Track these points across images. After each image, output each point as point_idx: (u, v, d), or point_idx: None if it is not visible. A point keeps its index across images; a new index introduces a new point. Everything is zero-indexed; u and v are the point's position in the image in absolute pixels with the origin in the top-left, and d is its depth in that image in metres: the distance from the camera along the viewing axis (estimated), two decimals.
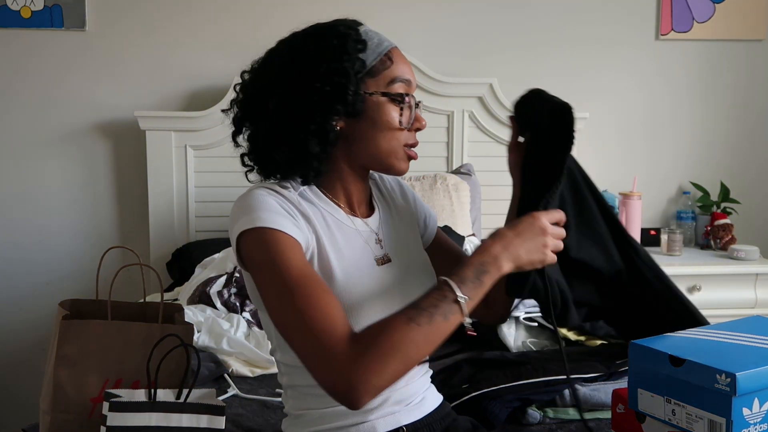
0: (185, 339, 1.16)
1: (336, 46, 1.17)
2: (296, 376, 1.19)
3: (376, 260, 1.22)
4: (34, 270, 3.02)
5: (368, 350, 0.97)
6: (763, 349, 1.03)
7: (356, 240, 1.21)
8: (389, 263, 1.23)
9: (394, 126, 1.19)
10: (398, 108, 1.20)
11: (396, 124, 1.20)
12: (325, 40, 1.18)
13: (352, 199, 1.25)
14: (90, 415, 1.17)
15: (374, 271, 1.20)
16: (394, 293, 1.19)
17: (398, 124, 1.20)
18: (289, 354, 1.21)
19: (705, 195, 3.20)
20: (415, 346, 0.99)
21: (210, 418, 1.11)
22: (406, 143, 1.22)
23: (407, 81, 1.22)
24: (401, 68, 1.21)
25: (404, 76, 1.21)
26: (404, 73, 1.22)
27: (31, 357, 2.99)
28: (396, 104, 1.20)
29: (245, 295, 2.29)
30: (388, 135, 1.20)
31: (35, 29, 2.94)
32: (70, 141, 3.01)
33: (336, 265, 1.15)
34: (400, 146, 1.21)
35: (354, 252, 1.19)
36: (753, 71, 3.27)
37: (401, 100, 1.20)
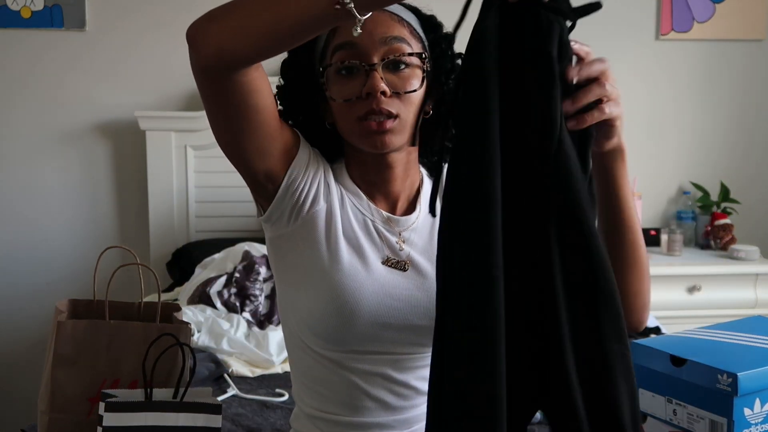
0: (182, 338, 1.16)
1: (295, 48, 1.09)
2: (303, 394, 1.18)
3: (383, 260, 1.11)
4: (33, 270, 3.02)
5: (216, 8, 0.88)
6: (764, 349, 1.03)
7: (372, 234, 1.12)
8: (402, 271, 1.11)
9: (337, 101, 1.06)
10: (342, 79, 1.06)
11: (336, 98, 1.06)
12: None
13: (376, 189, 1.14)
14: (88, 415, 1.17)
15: (376, 274, 1.09)
16: (392, 306, 1.08)
17: (337, 97, 1.05)
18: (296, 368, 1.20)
19: (705, 195, 3.19)
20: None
21: (207, 417, 1.10)
22: (358, 115, 1.05)
23: (346, 44, 1.05)
24: (342, 34, 1.05)
25: (343, 41, 1.05)
26: (345, 36, 1.05)
27: (31, 357, 2.98)
28: (339, 77, 1.06)
29: (245, 295, 2.29)
30: (340, 113, 1.07)
31: (35, 29, 2.94)
32: (70, 141, 3.01)
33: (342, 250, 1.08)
34: (354, 121, 1.06)
35: (363, 245, 1.10)
36: (753, 71, 3.27)
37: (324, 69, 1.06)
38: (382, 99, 1.03)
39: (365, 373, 1.10)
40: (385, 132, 1.05)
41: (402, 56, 1.05)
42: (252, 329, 2.19)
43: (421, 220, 1.14)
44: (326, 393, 1.13)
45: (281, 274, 1.16)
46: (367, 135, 1.05)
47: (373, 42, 1.04)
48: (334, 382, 1.12)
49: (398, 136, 1.07)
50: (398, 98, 1.05)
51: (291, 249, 1.12)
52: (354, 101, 1.05)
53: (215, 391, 1.86)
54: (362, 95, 1.04)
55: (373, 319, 1.07)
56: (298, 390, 1.20)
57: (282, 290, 1.17)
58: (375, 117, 1.04)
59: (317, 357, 1.12)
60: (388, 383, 1.11)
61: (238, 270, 2.39)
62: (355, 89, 1.05)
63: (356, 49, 1.04)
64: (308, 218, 1.10)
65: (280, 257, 1.14)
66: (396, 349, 1.10)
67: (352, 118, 1.06)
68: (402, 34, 1.07)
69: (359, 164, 1.13)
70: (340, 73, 1.06)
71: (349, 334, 1.07)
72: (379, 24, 1.05)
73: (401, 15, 1.09)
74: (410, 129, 1.09)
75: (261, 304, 2.29)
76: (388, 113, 1.04)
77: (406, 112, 1.06)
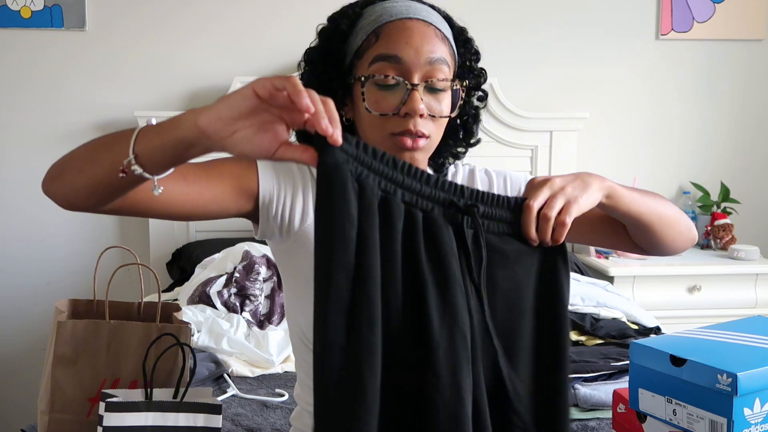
0: (181, 338, 1.16)
1: (329, 29, 1.10)
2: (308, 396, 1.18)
3: None
4: (34, 270, 3.02)
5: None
6: (764, 349, 1.03)
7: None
8: None
9: (372, 113, 1.05)
10: (379, 92, 1.04)
11: (372, 110, 1.05)
12: (329, 21, 1.11)
13: None
14: (88, 415, 1.17)
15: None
16: None
17: (373, 109, 1.05)
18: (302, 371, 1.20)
19: (705, 195, 3.19)
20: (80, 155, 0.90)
21: (207, 417, 1.10)
22: (392, 131, 1.05)
23: (391, 57, 1.03)
24: (386, 44, 1.04)
25: (387, 52, 1.04)
26: (388, 48, 1.04)
27: (31, 357, 2.98)
28: (376, 88, 1.04)
29: (245, 295, 2.29)
30: (372, 123, 1.06)
31: (35, 29, 2.94)
32: (70, 141, 2.99)
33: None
34: (387, 135, 1.05)
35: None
36: (753, 71, 3.26)
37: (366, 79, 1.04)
38: (419, 121, 1.04)
39: None
40: (416, 150, 1.06)
41: (443, 80, 1.06)
42: (252, 329, 2.19)
43: None
44: None
45: (285, 282, 1.19)
46: (398, 151, 1.05)
47: (418, 60, 1.03)
48: None
49: (425, 153, 1.10)
50: (432, 120, 1.06)
51: (291, 261, 1.15)
52: (390, 117, 1.05)
53: (215, 391, 1.86)
54: (399, 113, 1.04)
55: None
56: (301, 392, 1.21)
57: (287, 296, 1.19)
58: (410, 135, 1.04)
59: None
60: None
61: (238, 270, 2.39)
62: (392, 105, 1.04)
63: (400, 65, 1.04)
64: (302, 233, 1.11)
65: (283, 267, 1.18)
66: None
67: (384, 131, 1.06)
68: (444, 54, 1.07)
69: None
70: (378, 85, 1.04)
71: None
72: (426, 41, 1.05)
73: (443, 30, 1.08)
74: (435, 146, 1.11)
75: (261, 304, 2.29)
76: (422, 134, 1.05)
77: (436, 133, 1.08)
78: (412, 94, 1.03)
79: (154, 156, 0.82)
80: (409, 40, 1.03)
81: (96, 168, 0.87)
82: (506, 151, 3.00)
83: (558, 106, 3.13)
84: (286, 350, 2.10)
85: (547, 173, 3.04)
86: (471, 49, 1.16)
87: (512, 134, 3.00)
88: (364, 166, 0.83)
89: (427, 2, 1.13)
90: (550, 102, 3.14)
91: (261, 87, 0.75)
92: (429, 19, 1.07)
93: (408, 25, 1.05)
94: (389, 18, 1.05)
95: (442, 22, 1.11)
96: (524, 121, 3.00)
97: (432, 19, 1.08)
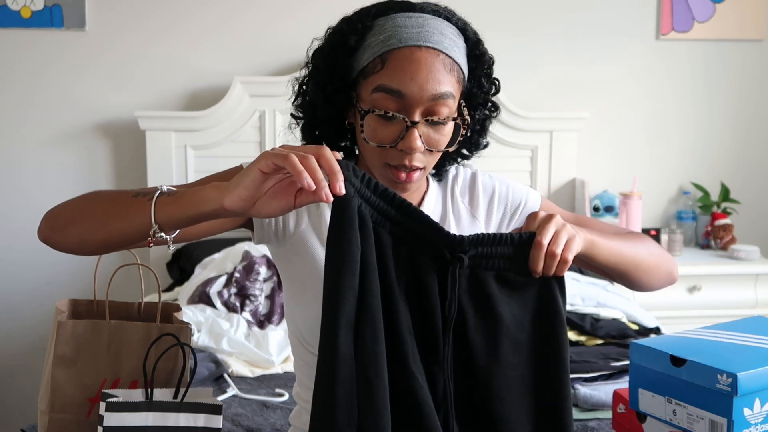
0: (182, 338, 1.16)
1: (337, 41, 1.08)
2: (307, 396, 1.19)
3: None
4: (34, 270, 3.02)
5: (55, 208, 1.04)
6: (764, 349, 1.03)
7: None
8: None
9: (369, 142, 1.04)
10: (378, 122, 1.03)
11: (369, 139, 1.04)
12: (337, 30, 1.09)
13: None
14: (88, 415, 1.17)
15: None
16: None
17: (370, 139, 1.04)
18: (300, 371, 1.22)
19: (705, 195, 3.19)
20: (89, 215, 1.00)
21: (207, 417, 1.10)
22: (388, 162, 1.05)
23: (394, 92, 1.01)
24: (391, 76, 1.01)
25: (390, 86, 1.01)
26: (393, 82, 1.01)
27: (31, 357, 2.98)
28: (375, 117, 1.03)
29: (245, 295, 2.29)
30: (369, 151, 1.07)
31: (35, 29, 2.94)
32: (70, 141, 3.01)
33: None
34: (382, 165, 1.06)
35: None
36: (753, 71, 3.26)
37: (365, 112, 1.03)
38: (416, 156, 1.04)
39: None
40: (410, 182, 1.07)
41: (444, 119, 1.04)
42: (252, 329, 2.19)
43: None
44: None
45: (284, 284, 1.21)
46: (391, 182, 1.06)
47: (422, 97, 1.01)
48: None
49: (418, 183, 1.11)
50: (429, 153, 1.06)
51: (288, 265, 1.17)
52: (387, 149, 1.04)
53: (215, 391, 1.86)
54: (396, 146, 1.03)
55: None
56: (300, 391, 1.22)
57: (286, 299, 1.21)
58: (404, 170, 1.05)
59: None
60: None
61: (238, 270, 2.39)
62: (390, 137, 1.03)
63: (402, 100, 1.02)
64: (297, 238, 1.13)
65: (281, 271, 1.20)
66: None
67: (380, 161, 1.06)
68: (450, 86, 1.04)
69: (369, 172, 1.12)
70: (378, 115, 1.03)
71: None
72: (432, 76, 1.02)
73: (453, 56, 1.05)
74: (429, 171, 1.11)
75: (261, 304, 2.29)
76: (416, 168, 1.05)
77: (430, 164, 1.08)
78: (411, 131, 1.02)
79: (175, 224, 0.94)
80: (414, 75, 1.01)
81: (110, 230, 0.98)
82: (506, 151, 3.00)
83: (558, 106, 3.13)
84: (286, 350, 2.10)
85: (547, 173, 3.05)
86: (484, 63, 1.12)
87: (512, 134, 3.00)
88: (363, 198, 0.93)
89: (443, 12, 1.09)
90: (550, 102, 3.14)
91: (265, 166, 0.86)
92: (440, 46, 1.03)
93: (416, 57, 1.01)
94: (398, 44, 1.02)
95: (455, 40, 1.07)
96: (524, 121, 3.00)
97: (444, 44, 1.04)
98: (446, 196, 1.21)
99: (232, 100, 2.87)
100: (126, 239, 0.98)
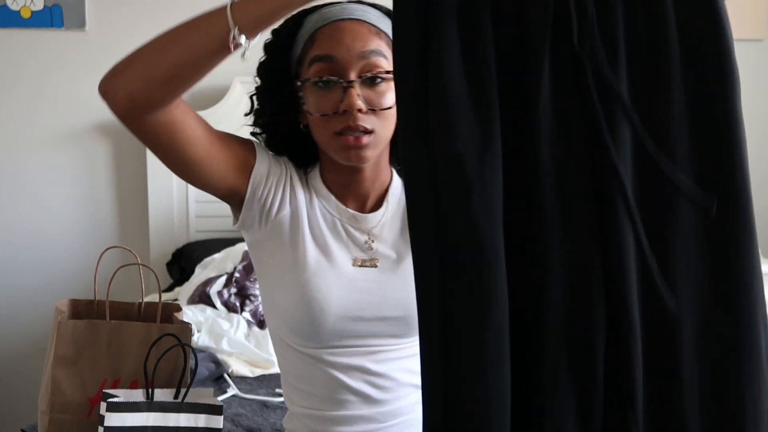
0: (183, 338, 1.16)
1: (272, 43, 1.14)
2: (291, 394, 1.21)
3: (353, 260, 1.15)
4: (34, 270, 3.02)
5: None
6: None
7: (339, 232, 1.16)
8: (373, 267, 1.14)
9: (314, 114, 1.08)
10: (319, 93, 1.07)
11: (313, 111, 1.08)
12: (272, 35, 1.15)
13: (347, 190, 1.17)
14: (88, 415, 1.17)
15: (344, 270, 1.13)
16: (362, 300, 1.12)
17: (314, 111, 1.08)
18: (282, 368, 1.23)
19: None
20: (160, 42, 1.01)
21: (208, 418, 1.10)
22: (335, 130, 1.07)
23: (325, 57, 1.06)
24: (321, 46, 1.07)
25: (321, 53, 1.07)
26: (322, 50, 1.07)
27: (31, 357, 2.98)
28: (316, 89, 1.07)
29: (245, 295, 2.29)
30: (317, 125, 1.10)
31: (35, 29, 2.94)
32: (70, 141, 3.01)
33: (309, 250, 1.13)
34: (331, 135, 1.08)
35: (330, 244, 1.15)
36: (753, 71, 3.27)
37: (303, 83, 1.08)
38: (359, 116, 1.06)
39: (344, 367, 1.13)
40: (361, 147, 1.08)
41: (379, 72, 1.07)
42: (252, 329, 2.19)
43: (390, 215, 1.18)
44: (310, 389, 1.17)
45: (260, 277, 1.21)
46: (343, 150, 1.08)
47: (351, 57, 1.06)
48: (316, 377, 1.15)
49: (373, 150, 1.10)
50: (374, 114, 1.07)
51: (265, 252, 1.18)
52: (331, 116, 1.07)
53: (215, 391, 1.86)
54: (339, 111, 1.06)
55: (343, 314, 1.11)
56: (286, 390, 1.24)
57: (263, 293, 1.22)
58: (351, 132, 1.06)
59: (299, 354, 1.16)
60: (367, 376, 1.14)
61: (238, 270, 2.39)
62: (331, 104, 1.06)
63: (334, 64, 1.06)
64: (276, 222, 1.15)
65: (258, 261, 1.20)
66: (371, 342, 1.14)
67: (328, 132, 1.08)
68: (380, 46, 1.09)
69: (331, 168, 1.16)
70: (317, 86, 1.07)
71: (322, 329, 1.11)
72: (357, 38, 1.07)
73: (379, 26, 1.10)
74: (386, 141, 1.12)
75: (261, 304, 2.29)
76: (364, 129, 1.07)
77: (381, 127, 1.09)
78: (348, 91, 1.05)
79: (254, 25, 0.93)
80: (341, 39, 1.06)
81: (180, 50, 0.98)
82: None
83: None
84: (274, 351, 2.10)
85: None
86: None
87: None
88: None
89: (368, 2, 1.14)
90: None
91: None
92: (363, 18, 1.09)
93: (340, 26, 1.07)
94: (323, 22, 1.09)
95: (380, 17, 1.12)
96: None
97: (367, 17, 1.09)
98: None
99: (232, 100, 2.87)
100: (198, 56, 0.97)
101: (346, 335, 1.12)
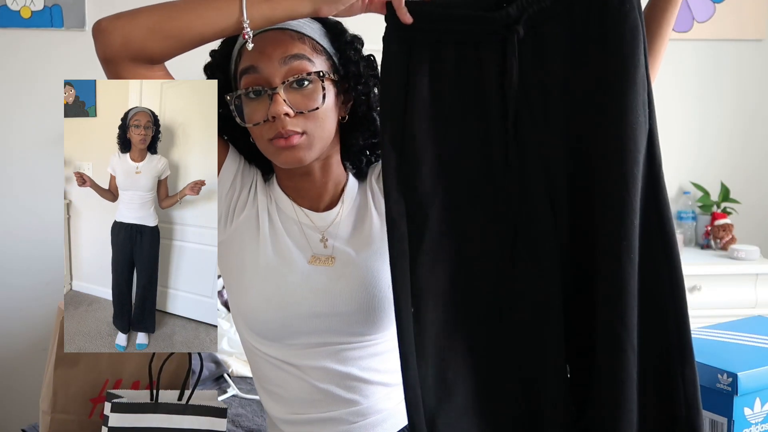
0: None
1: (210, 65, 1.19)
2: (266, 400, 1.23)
3: (310, 258, 1.16)
4: (34, 270, 3.02)
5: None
6: (764, 349, 1.03)
7: (295, 232, 1.18)
8: (329, 265, 1.16)
9: (248, 125, 1.11)
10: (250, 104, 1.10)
11: (247, 122, 1.11)
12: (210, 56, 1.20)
13: (301, 193, 1.19)
14: (90, 416, 1.17)
15: (301, 269, 1.15)
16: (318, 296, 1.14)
17: (247, 122, 1.11)
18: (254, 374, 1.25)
19: (705, 195, 3.20)
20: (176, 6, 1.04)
21: (211, 420, 1.11)
22: (268, 137, 1.10)
23: (249, 69, 1.09)
24: (246, 59, 1.10)
25: (245, 66, 1.10)
26: (247, 61, 1.10)
27: (32, 357, 2.98)
28: (248, 100, 1.10)
29: None
30: (254, 135, 1.12)
31: (35, 29, 2.94)
32: None
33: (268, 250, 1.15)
34: (267, 143, 1.10)
35: (287, 244, 1.16)
36: (753, 71, 3.27)
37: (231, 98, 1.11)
38: (287, 120, 1.07)
39: (310, 368, 1.15)
40: (293, 147, 1.09)
41: (302, 76, 1.08)
42: None
43: (345, 213, 1.20)
44: (281, 392, 1.18)
45: (227, 279, 1.22)
46: (279, 153, 1.10)
47: (272, 65, 1.08)
48: (285, 380, 1.17)
49: (309, 150, 1.11)
50: (303, 116, 1.09)
51: (228, 253, 1.19)
52: (262, 124, 1.09)
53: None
54: (269, 118, 1.08)
55: (300, 311, 1.13)
56: (262, 397, 1.25)
57: (229, 297, 1.23)
58: (281, 136, 1.08)
59: (266, 357, 1.18)
60: (332, 376, 1.15)
61: None
62: (261, 113, 1.09)
63: (258, 73, 1.09)
64: (239, 223, 1.18)
65: (222, 263, 1.21)
66: (332, 340, 1.15)
67: (264, 140, 1.11)
68: (302, 50, 1.10)
69: (283, 174, 1.20)
70: (249, 97, 1.10)
71: (282, 327, 1.13)
72: (278, 45, 1.09)
73: (301, 31, 1.11)
74: (323, 141, 1.12)
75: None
76: (294, 133, 1.08)
77: (314, 128, 1.10)
78: (274, 98, 1.07)
79: (262, 23, 1.03)
80: (263, 49, 1.09)
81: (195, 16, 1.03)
82: None
83: None
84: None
85: None
86: (346, 39, 1.18)
87: None
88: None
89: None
90: None
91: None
92: (285, 26, 1.10)
93: (262, 37, 1.09)
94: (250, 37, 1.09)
95: (307, 23, 1.13)
96: None
97: (289, 25, 1.11)
98: (365, 189, 1.23)
99: None
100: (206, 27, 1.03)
101: (305, 332, 1.14)
